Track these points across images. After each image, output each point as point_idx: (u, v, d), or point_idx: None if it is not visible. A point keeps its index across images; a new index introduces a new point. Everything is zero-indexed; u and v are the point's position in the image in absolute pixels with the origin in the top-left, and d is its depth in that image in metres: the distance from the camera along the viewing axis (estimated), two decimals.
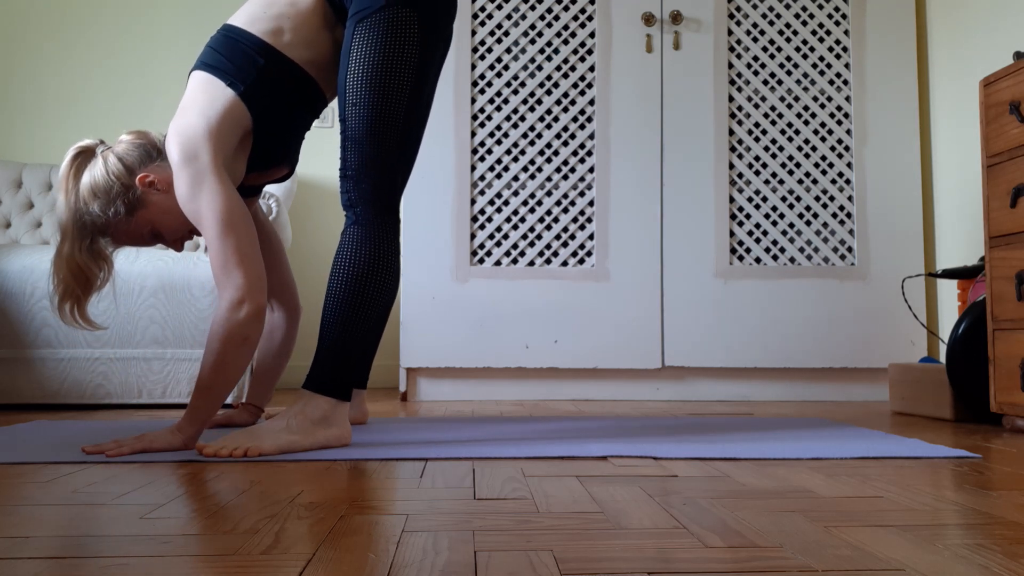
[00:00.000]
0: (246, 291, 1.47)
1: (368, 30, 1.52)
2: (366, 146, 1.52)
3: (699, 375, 2.85)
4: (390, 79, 1.51)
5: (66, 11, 3.51)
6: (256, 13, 1.62)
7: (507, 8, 2.89)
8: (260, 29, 1.60)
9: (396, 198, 1.57)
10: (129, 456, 1.42)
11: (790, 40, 2.92)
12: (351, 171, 1.53)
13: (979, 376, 2.02)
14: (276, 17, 1.61)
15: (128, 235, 1.62)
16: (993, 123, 1.92)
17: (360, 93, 1.52)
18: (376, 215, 1.53)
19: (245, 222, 1.51)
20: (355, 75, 1.52)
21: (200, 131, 1.52)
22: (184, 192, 1.50)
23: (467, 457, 1.43)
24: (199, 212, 1.49)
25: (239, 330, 1.46)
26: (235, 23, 1.62)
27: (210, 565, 0.77)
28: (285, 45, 1.60)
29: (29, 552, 0.81)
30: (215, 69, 1.59)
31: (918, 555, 0.80)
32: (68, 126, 3.47)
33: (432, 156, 2.84)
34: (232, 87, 1.57)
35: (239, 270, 1.47)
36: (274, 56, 1.59)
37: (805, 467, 1.34)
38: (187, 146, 1.51)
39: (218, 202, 1.49)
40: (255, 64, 1.58)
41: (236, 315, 1.46)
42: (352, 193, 1.53)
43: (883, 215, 2.87)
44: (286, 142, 1.71)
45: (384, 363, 3.47)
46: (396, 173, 1.55)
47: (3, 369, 2.44)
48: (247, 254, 1.49)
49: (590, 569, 0.75)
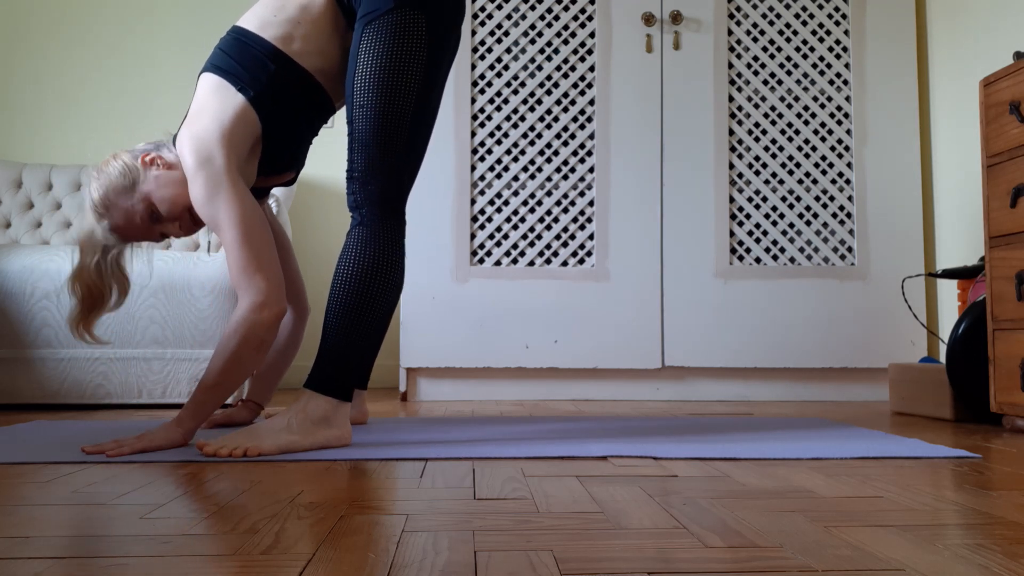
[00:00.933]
0: (268, 295, 1.49)
1: (376, 32, 1.52)
2: (372, 148, 1.52)
3: (699, 375, 2.85)
4: (397, 82, 1.51)
5: (67, 11, 3.51)
6: (267, 17, 1.61)
7: (507, 8, 2.89)
8: (272, 35, 1.60)
9: (402, 200, 1.57)
10: (129, 456, 1.42)
11: (790, 40, 2.92)
12: (357, 173, 1.53)
13: (979, 376, 2.02)
14: (287, 22, 1.60)
15: (126, 216, 1.60)
16: (993, 123, 1.92)
17: (367, 95, 1.52)
18: (382, 217, 1.53)
19: (263, 227, 1.52)
20: (363, 77, 1.52)
21: (214, 135, 1.53)
22: (200, 195, 1.51)
23: (467, 457, 1.43)
24: (216, 217, 1.50)
25: (258, 333, 1.48)
26: (246, 26, 1.62)
27: (210, 565, 0.77)
28: (296, 52, 1.60)
29: (29, 552, 0.81)
30: (226, 73, 1.59)
31: (918, 555, 0.80)
32: (68, 126, 3.47)
33: (432, 156, 2.84)
34: (243, 92, 1.57)
35: (260, 275, 1.49)
36: (285, 62, 1.59)
37: (805, 467, 1.34)
38: (202, 150, 1.52)
39: (236, 207, 1.50)
40: (266, 70, 1.58)
41: (257, 318, 1.48)
42: (358, 195, 1.53)
43: (883, 215, 2.87)
44: (294, 147, 1.72)
45: (384, 363, 3.47)
46: (402, 175, 1.55)
47: (3, 369, 2.44)
48: (266, 259, 1.50)
49: (590, 569, 0.75)
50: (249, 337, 1.48)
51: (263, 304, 1.49)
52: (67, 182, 3.15)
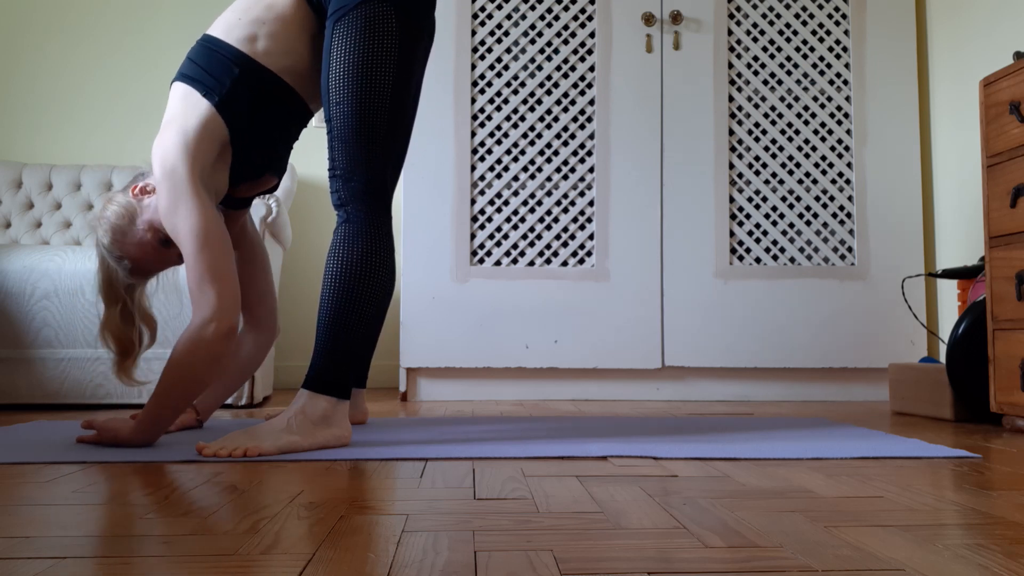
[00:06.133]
0: (217, 310, 1.47)
1: (347, 28, 1.52)
2: (352, 144, 1.51)
3: (699, 375, 2.85)
4: (372, 75, 1.51)
5: (67, 11, 3.51)
6: (232, 21, 1.61)
7: (507, 8, 2.89)
8: (236, 37, 1.59)
9: (387, 194, 1.56)
10: (96, 443, 1.54)
11: (790, 40, 2.92)
12: (340, 170, 1.53)
13: (979, 376, 2.02)
14: (251, 23, 1.60)
15: (139, 249, 1.61)
16: (993, 123, 1.92)
17: (342, 91, 1.51)
18: (368, 212, 1.53)
19: (221, 239, 1.51)
20: (336, 73, 1.52)
21: (178, 145, 1.53)
22: (163, 206, 1.51)
23: (467, 457, 1.43)
24: (176, 227, 1.50)
25: (208, 348, 1.47)
26: (213, 32, 1.62)
27: (210, 565, 0.77)
28: (261, 53, 1.59)
29: (29, 552, 0.81)
30: (193, 80, 1.59)
31: (918, 555, 0.80)
32: (68, 126, 3.47)
33: (432, 156, 2.84)
34: (207, 98, 1.56)
35: (212, 288, 1.47)
36: (250, 65, 1.58)
37: (805, 467, 1.34)
38: (166, 161, 1.52)
39: (194, 218, 1.49)
40: (231, 74, 1.57)
41: (205, 333, 1.46)
42: (342, 192, 1.53)
43: (883, 215, 2.87)
44: (268, 152, 1.69)
45: (384, 363, 3.47)
46: (385, 169, 1.55)
47: (3, 369, 2.44)
48: (221, 272, 1.49)
49: (590, 569, 0.75)
50: (198, 353, 1.46)
51: (210, 318, 1.46)
52: (67, 182, 3.15)
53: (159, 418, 1.51)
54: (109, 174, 3.16)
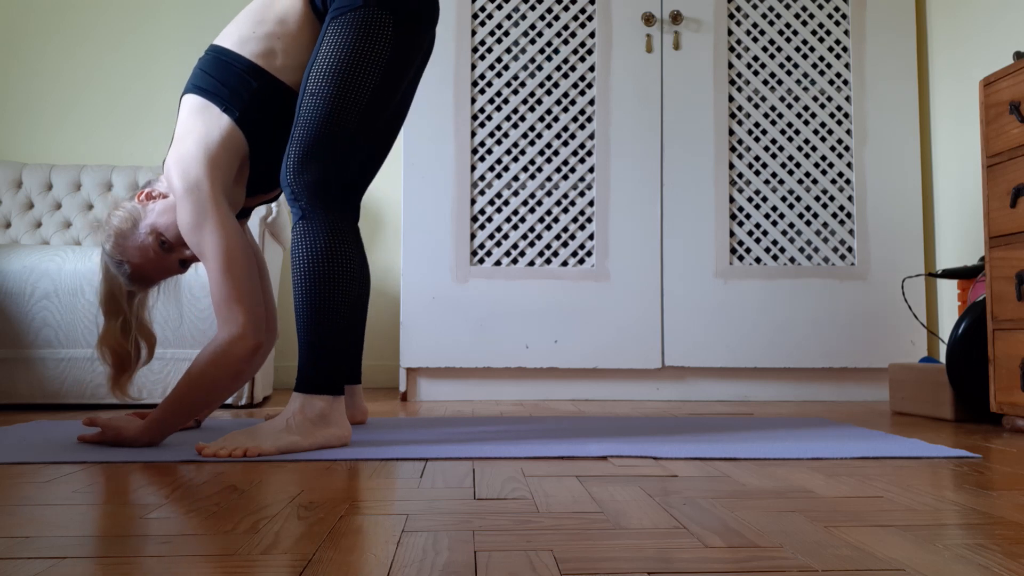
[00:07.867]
0: (245, 328, 1.49)
1: (341, 27, 1.51)
2: (310, 138, 1.50)
3: (699, 375, 2.85)
4: (355, 75, 1.50)
5: (66, 11, 3.51)
6: (246, 34, 1.60)
7: (507, 8, 2.89)
8: (251, 51, 1.59)
9: (344, 193, 1.54)
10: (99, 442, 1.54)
11: (790, 40, 2.92)
12: (291, 161, 1.51)
13: (979, 376, 2.02)
14: (267, 37, 1.59)
15: (140, 253, 1.61)
16: (993, 123, 1.92)
17: (320, 83, 1.51)
18: (322, 208, 1.51)
19: (246, 257, 1.52)
20: (319, 67, 1.51)
21: (200, 160, 1.53)
22: (187, 222, 1.51)
23: (467, 457, 1.43)
24: (201, 245, 1.50)
25: (235, 365, 1.49)
26: (225, 44, 1.61)
27: (210, 565, 0.77)
28: (278, 68, 1.60)
29: (29, 552, 0.81)
30: (209, 93, 1.58)
31: (918, 555, 0.80)
32: (68, 126, 3.47)
33: (432, 156, 2.84)
34: (228, 113, 1.56)
35: (239, 307, 1.49)
36: (267, 79, 1.58)
37: (805, 467, 1.34)
38: (188, 175, 1.52)
39: (221, 237, 1.50)
40: (249, 87, 1.57)
41: (233, 350, 1.48)
42: (294, 184, 1.51)
43: (883, 215, 2.87)
44: (281, 165, 1.70)
45: (384, 363, 3.47)
46: (343, 169, 1.53)
47: (3, 369, 2.44)
48: (247, 291, 1.50)
49: (590, 569, 0.75)
50: (222, 366, 1.48)
51: (240, 336, 1.48)
52: (67, 182, 3.15)
53: (168, 423, 1.51)
54: (109, 174, 3.16)
